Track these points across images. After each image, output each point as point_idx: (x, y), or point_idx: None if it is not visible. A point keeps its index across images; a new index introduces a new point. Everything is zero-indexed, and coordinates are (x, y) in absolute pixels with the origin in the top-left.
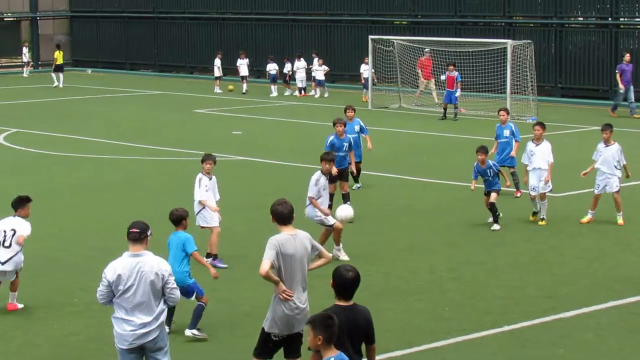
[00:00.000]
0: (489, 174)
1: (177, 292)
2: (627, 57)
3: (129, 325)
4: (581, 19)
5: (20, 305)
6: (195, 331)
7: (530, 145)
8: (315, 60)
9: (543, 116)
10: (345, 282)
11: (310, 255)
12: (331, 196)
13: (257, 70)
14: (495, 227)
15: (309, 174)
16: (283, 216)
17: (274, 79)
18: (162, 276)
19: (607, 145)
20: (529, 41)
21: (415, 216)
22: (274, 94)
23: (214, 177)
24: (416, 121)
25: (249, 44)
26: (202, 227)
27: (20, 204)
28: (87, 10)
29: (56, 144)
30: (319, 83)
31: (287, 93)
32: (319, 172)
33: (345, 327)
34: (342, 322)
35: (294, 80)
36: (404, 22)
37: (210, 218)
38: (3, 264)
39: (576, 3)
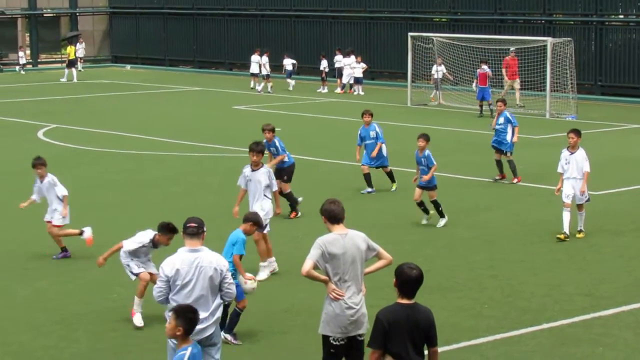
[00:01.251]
0: (422, 163)
1: (234, 288)
2: None
3: None
4: (621, 16)
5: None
6: (229, 336)
7: (565, 154)
8: (354, 57)
9: (582, 114)
10: (409, 280)
11: (364, 256)
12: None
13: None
14: (442, 222)
15: (346, 170)
16: (334, 215)
17: (289, 75)
18: (221, 271)
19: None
20: (569, 39)
21: (455, 213)
22: (289, 88)
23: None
24: (455, 119)
25: (288, 40)
26: None
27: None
28: (126, 7)
29: (95, 139)
30: (357, 80)
31: (322, 90)
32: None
33: (405, 325)
34: (402, 320)
35: (333, 77)
36: (443, 20)
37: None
38: None
39: (617, 1)
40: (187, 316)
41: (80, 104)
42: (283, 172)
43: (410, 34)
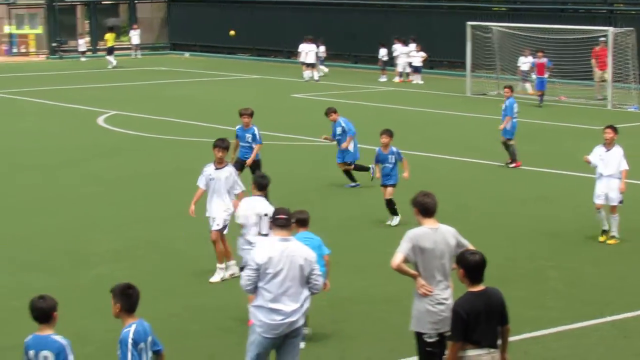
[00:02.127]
0: (389, 161)
1: (321, 280)
2: None
3: (278, 315)
4: None
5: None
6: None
7: (600, 150)
8: (413, 46)
9: None
10: (474, 267)
11: (453, 252)
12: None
13: (353, 56)
14: (395, 220)
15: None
16: (427, 208)
17: (322, 62)
18: (310, 262)
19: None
20: (630, 29)
21: (516, 205)
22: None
23: None
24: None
25: (347, 29)
26: None
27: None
28: None
29: (154, 126)
30: (416, 69)
31: (381, 79)
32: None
33: (483, 312)
34: (479, 308)
35: (391, 66)
36: (502, 9)
37: None
38: None
39: None
40: (124, 293)
41: (139, 91)
42: (253, 166)
43: (469, 23)
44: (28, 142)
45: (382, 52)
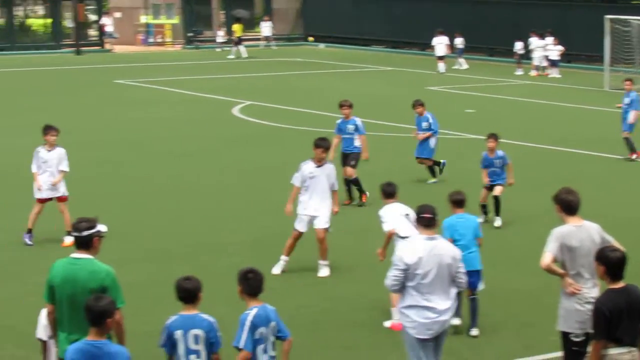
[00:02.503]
0: (495, 165)
1: (465, 278)
2: None
3: (432, 313)
4: None
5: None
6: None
7: None
8: (550, 39)
9: None
10: (614, 263)
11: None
12: (347, 182)
13: (489, 48)
14: (498, 222)
15: (540, 155)
16: (571, 206)
17: (460, 53)
18: (456, 260)
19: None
20: None
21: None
22: (463, 66)
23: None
24: None
25: (481, 23)
26: None
27: None
28: None
29: (288, 117)
30: (553, 63)
31: (518, 72)
32: (309, 159)
33: (624, 309)
34: (621, 305)
35: (527, 59)
36: None
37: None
38: None
39: None
40: (244, 277)
41: (274, 82)
42: (351, 157)
43: (607, 16)
44: (163, 130)
45: (518, 46)
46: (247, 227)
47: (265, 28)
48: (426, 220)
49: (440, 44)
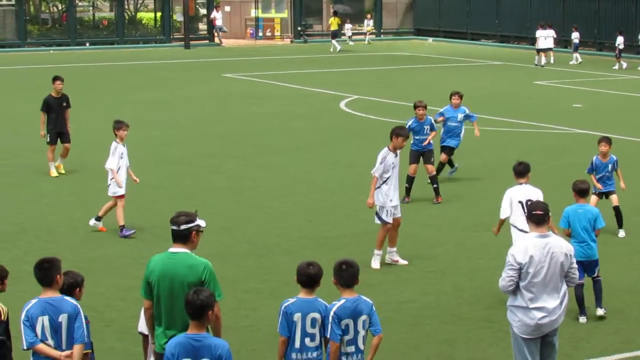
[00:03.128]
0: (608, 170)
1: (578, 274)
2: None
3: (539, 312)
4: None
5: None
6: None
7: None
8: None
9: None
10: None
11: None
12: (411, 179)
13: (598, 43)
14: (621, 233)
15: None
16: None
17: (576, 48)
18: (570, 256)
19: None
20: None
21: None
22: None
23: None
24: None
25: (592, 16)
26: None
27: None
28: None
29: (394, 111)
30: None
31: (615, 67)
32: (386, 148)
33: None
34: None
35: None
36: None
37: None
38: None
39: None
40: (339, 268)
41: (381, 76)
42: (428, 155)
43: None
44: (271, 124)
45: (619, 40)
46: (351, 220)
47: (369, 25)
48: (538, 217)
49: (541, 37)
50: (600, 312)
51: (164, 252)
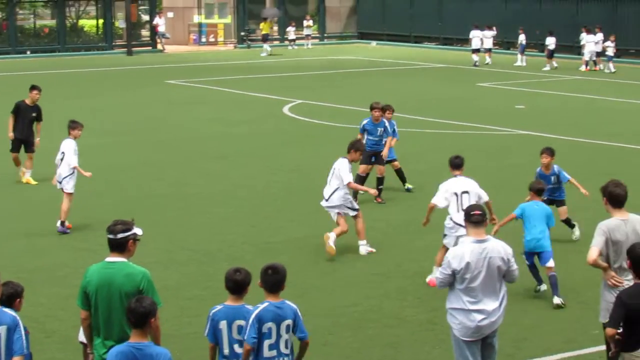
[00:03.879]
0: (552, 181)
1: (517, 272)
2: None
3: (479, 314)
4: None
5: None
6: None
7: None
8: (600, 35)
9: None
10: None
11: None
12: (362, 178)
13: (540, 45)
14: (576, 233)
15: (590, 149)
16: (619, 199)
17: (522, 50)
18: (507, 260)
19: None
20: None
21: None
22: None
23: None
24: None
25: (531, 18)
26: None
27: None
28: None
29: (339, 115)
30: (609, 58)
31: (547, 67)
32: (345, 160)
33: None
34: None
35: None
36: None
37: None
38: None
39: None
40: (265, 272)
41: (325, 80)
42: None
43: None
44: (214, 130)
45: (549, 41)
46: (295, 225)
47: (306, 29)
48: (476, 217)
49: (475, 37)
50: (557, 300)
51: (101, 262)
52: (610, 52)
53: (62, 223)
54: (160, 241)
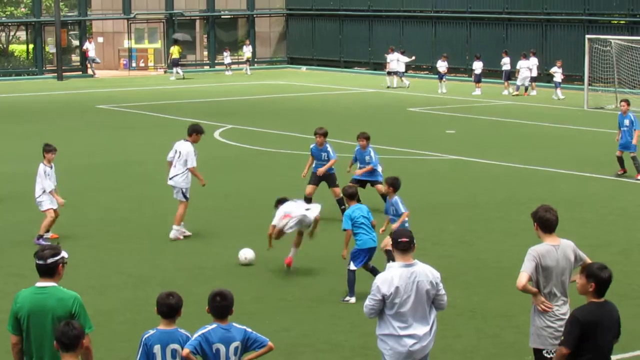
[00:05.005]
0: (391, 213)
1: (446, 298)
2: None
3: (410, 339)
4: None
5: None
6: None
7: None
8: (535, 60)
9: None
10: (606, 281)
11: (573, 267)
12: (308, 199)
13: (470, 69)
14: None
15: (522, 174)
16: (549, 224)
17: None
18: (436, 283)
19: None
20: None
21: (633, 219)
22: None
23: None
24: None
25: (462, 42)
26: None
27: None
28: (303, 8)
29: (271, 140)
30: (557, 85)
31: (476, 92)
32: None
33: (600, 323)
34: (598, 319)
35: (512, 79)
36: (622, 22)
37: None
38: None
39: None
40: (213, 299)
41: (256, 105)
42: (333, 178)
43: (587, 36)
44: (145, 155)
45: (476, 65)
46: (229, 252)
47: (247, 52)
48: (403, 244)
49: (392, 60)
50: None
51: (31, 287)
52: (558, 77)
53: (39, 237)
54: (93, 266)
